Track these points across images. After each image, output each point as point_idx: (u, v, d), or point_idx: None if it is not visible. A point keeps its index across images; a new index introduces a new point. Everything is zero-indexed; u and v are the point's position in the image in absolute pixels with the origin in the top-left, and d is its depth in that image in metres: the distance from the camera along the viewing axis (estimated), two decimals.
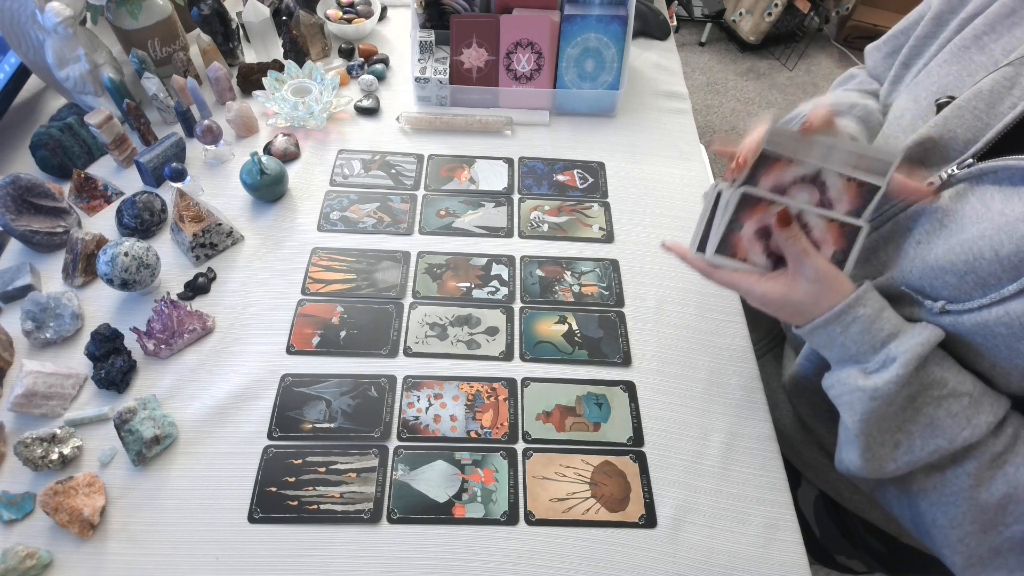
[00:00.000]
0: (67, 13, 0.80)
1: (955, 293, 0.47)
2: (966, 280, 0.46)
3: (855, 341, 0.50)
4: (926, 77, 0.58)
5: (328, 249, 0.81)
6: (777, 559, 0.60)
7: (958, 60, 0.55)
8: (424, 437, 0.66)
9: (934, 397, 0.48)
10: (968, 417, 0.47)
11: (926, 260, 0.49)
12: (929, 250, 0.50)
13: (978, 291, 0.46)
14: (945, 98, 0.54)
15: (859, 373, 0.50)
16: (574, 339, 0.74)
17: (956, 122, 0.51)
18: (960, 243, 0.47)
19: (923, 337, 0.47)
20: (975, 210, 0.48)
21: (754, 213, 0.52)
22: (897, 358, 0.48)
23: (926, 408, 0.48)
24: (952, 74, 0.55)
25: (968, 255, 0.46)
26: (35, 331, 0.69)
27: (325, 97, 0.94)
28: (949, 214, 0.50)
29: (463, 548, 0.59)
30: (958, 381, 0.48)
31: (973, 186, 0.49)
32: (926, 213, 0.52)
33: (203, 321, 0.72)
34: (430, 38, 0.97)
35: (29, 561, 0.55)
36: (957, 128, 0.51)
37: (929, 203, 0.52)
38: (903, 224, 0.54)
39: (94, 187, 0.83)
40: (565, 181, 0.92)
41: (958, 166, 0.50)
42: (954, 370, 0.49)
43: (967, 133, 0.51)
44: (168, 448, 0.64)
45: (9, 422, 0.65)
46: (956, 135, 0.51)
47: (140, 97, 0.94)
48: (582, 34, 0.92)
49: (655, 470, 0.65)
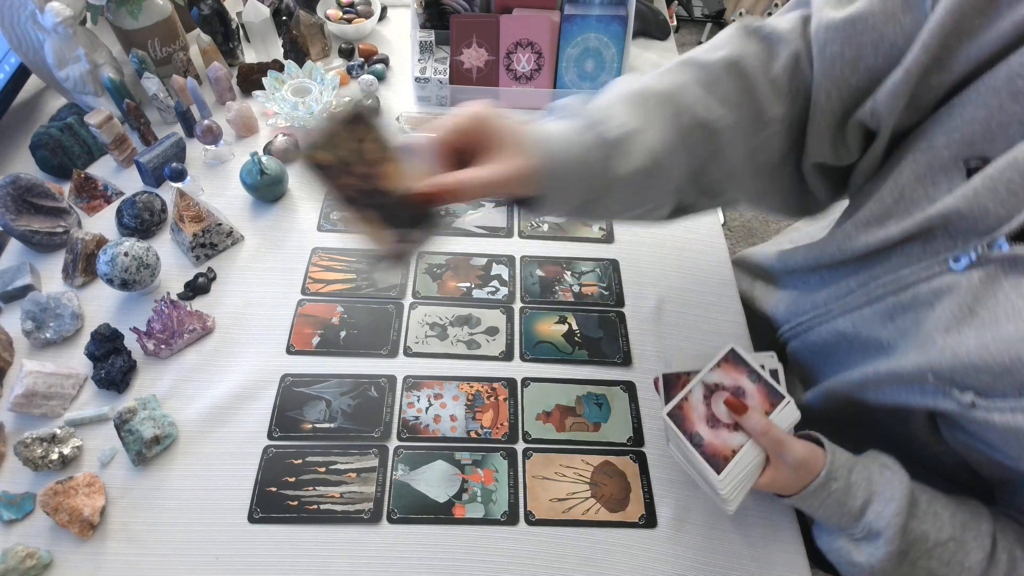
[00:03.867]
0: (67, 13, 0.80)
1: (987, 389, 0.45)
2: (1002, 380, 0.44)
3: (835, 512, 0.53)
4: (947, 116, 0.49)
5: (328, 249, 0.81)
6: (777, 559, 0.60)
7: (986, 105, 0.46)
8: (424, 437, 0.66)
9: (923, 550, 0.51)
10: (960, 561, 0.50)
11: (957, 354, 0.46)
12: (960, 341, 0.46)
13: (1013, 392, 0.44)
14: (976, 160, 0.47)
15: (850, 543, 0.54)
16: (574, 339, 0.74)
17: (988, 196, 0.45)
18: (995, 341, 0.44)
19: (898, 504, 0.50)
20: (1011, 303, 0.44)
21: (688, 420, 0.56)
22: (881, 533, 0.50)
23: (920, 561, 0.51)
24: (979, 121, 0.46)
25: (1006, 357, 0.43)
26: (35, 331, 0.69)
27: (325, 97, 0.94)
28: (979, 300, 0.46)
29: (463, 548, 0.59)
30: (937, 529, 0.50)
31: (1006, 271, 0.45)
32: (951, 293, 0.48)
33: (203, 321, 0.72)
34: (430, 38, 0.97)
35: (29, 561, 0.55)
36: (989, 203, 0.45)
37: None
38: (924, 298, 0.51)
39: (94, 187, 0.83)
40: None
41: (989, 245, 0.46)
42: (931, 518, 0.51)
43: (1000, 209, 0.45)
44: (168, 448, 0.64)
45: (9, 422, 0.65)
46: (988, 210, 0.45)
47: (140, 97, 0.94)
48: (582, 34, 0.92)
49: (655, 470, 0.65)
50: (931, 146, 0.50)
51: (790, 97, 0.54)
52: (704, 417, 0.56)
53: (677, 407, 0.57)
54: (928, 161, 0.50)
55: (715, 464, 0.53)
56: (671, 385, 0.60)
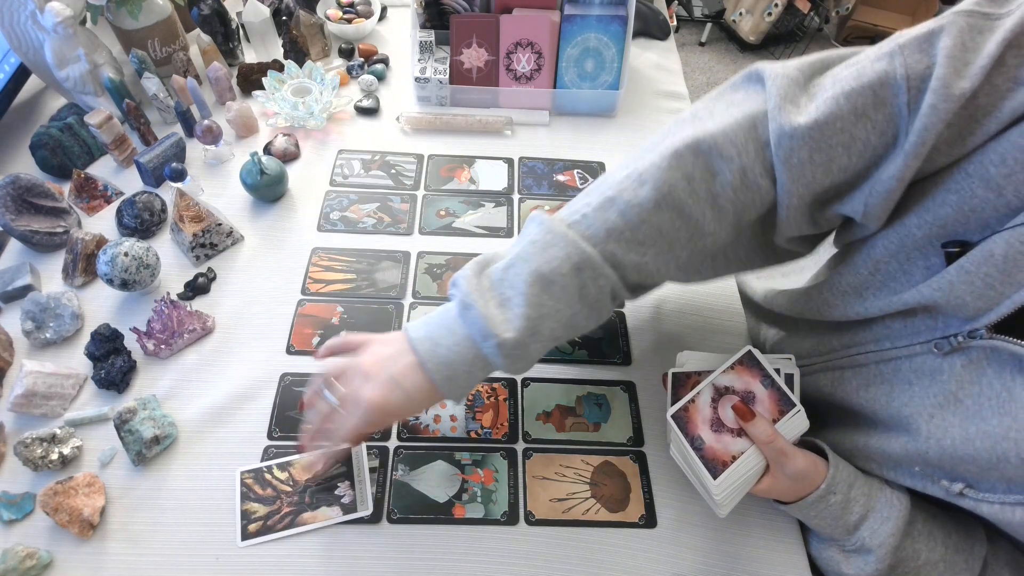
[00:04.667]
0: (67, 13, 0.80)
1: (975, 481, 0.45)
2: (990, 474, 0.44)
3: (830, 525, 0.54)
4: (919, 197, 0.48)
5: (328, 249, 0.81)
6: (777, 559, 0.60)
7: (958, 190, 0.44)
8: (424, 437, 0.66)
9: (912, 568, 0.51)
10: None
11: (942, 444, 0.46)
12: (944, 431, 0.46)
13: (1002, 485, 0.44)
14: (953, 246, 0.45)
15: (840, 554, 0.55)
16: (574, 339, 0.74)
17: (964, 288, 0.44)
18: (980, 434, 0.43)
19: (894, 524, 0.50)
20: (996, 393, 0.43)
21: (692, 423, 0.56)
22: (873, 551, 0.51)
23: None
24: (951, 205, 0.45)
25: (991, 453, 0.43)
26: (35, 331, 0.69)
27: (325, 97, 0.94)
28: (963, 387, 0.45)
29: (463, 548, 0.59)
30: (929, 549, 0.51)
31: (990, 360, 0.44)
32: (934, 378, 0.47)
33: (203, 321, 0.72)
34: (430, 38, 0.97)
35: (29, 561, 0.55)
36: (966, 295, 0.44)
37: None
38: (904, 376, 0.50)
39: (94, 187, 0.83)
40: (565, 181, 0.92)
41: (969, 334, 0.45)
42: (923, 539, 0.51)
43: (978, 302, 0.43)
44: (168, 448, 0.64)
45: (9, 422, 0.65)
46: (965, 302, 0.44)
47: (140, 97, 0.94)
48: (582, 34, 0.92)
49: (655, 470, 0.65)
50: (903, 224, 0.49)
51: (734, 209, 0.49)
52: (709, 421, 0.55)
53: (683, 409, 0.57)
54: (900, 239, 0.49)
55: (713, 469, 0.53)
56: (679, 384, 0.59)
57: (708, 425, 0.55)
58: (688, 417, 0.56)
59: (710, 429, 0.55)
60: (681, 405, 0.57)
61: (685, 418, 0.56)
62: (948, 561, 0.51)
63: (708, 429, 0.55)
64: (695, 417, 0.56)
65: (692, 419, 0.56)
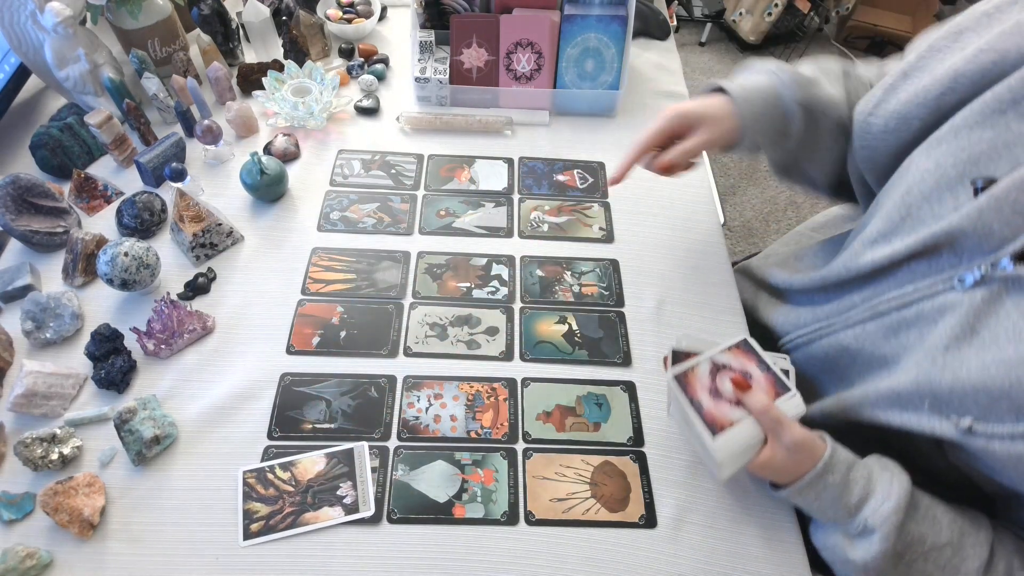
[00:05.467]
0: (67, 13, 0.80)
1: (985, 413, 0.45)
2: (1000, 404, 0.44)
3: (830, 507, 0.53)
4: (953, 138, 0.51)
5: (328, 249, 0.81)
6: (777, 559, 0.60)
7: (992, 124, 0.47)
8: (424, 437, 0.66)
9: (919, 553, 0.50)
10: (956, 567, 0.50)
11: (958, 374, 0.46)
12: (960, 362, 0.47)
13: (1011, 416, 0.44)
14: (982, 179, 0.47)
15: (844, 539, 0.54)
16: (574, 339, 0.74)
17: (993, 216, 0.46)
18: (996, 363, 0.44)
19: (894, 503, 0.50)
20: (1014, 324, 0.44)
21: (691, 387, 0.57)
22: (875, 530, 0.50)
23: (916, 563, 0.51)
24: (986, 142, 0.47)
25: (1005, 380, 0.43)
26: (35, 331, 0.69)
27: (325, 97, 0.94)
28: (981, 319, 0.46)
29: (463, 548, 0.59)
30: (935, 533, 0.50)
31: (1009, 291, 0.45)
32: (954, 311, 0.49)
33: (203, 321, 0.72)
34: (430, 38, 0.97)
35: (29, 561, 0.55)
36: (994, 223, 0.46)
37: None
38: (927, 315, 0.51)
39: (94, 187, 0.83)
40: (565, 181, 0.92)
41: (993, 265, 0.46)
42: (929, 521, 0.51)
43: (1004, 229, 0.45)
44: (168, 448, 0.64)
45: (9, 422, 0.65)
46: (992, 230, 0.46)
47: (140, 97, 0.94)
48: (582, 34, 0.92)
49: (655, 470, 0.65)
50: (939, 165, 0.51)
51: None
52: (708, 389, 0.56)
53: (683, 374, 0.57)
54: (936, 180, 0.51)
55: (712, 429, 0.54)
56: (679, 360, 0.60)
57: (707, 392, 0.56)
58: (688, 382, 0.57)
59: (709, 395, 0.56)
60: (682, 369, 0.57)
61: (685, 382, 0.57)
62: (955, 546, 0.50)
63: (707, 395, 0.56)
64: (695, 383, 0.57)
65: (692, 384, 0.57)
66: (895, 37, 2.47)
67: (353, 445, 0.65)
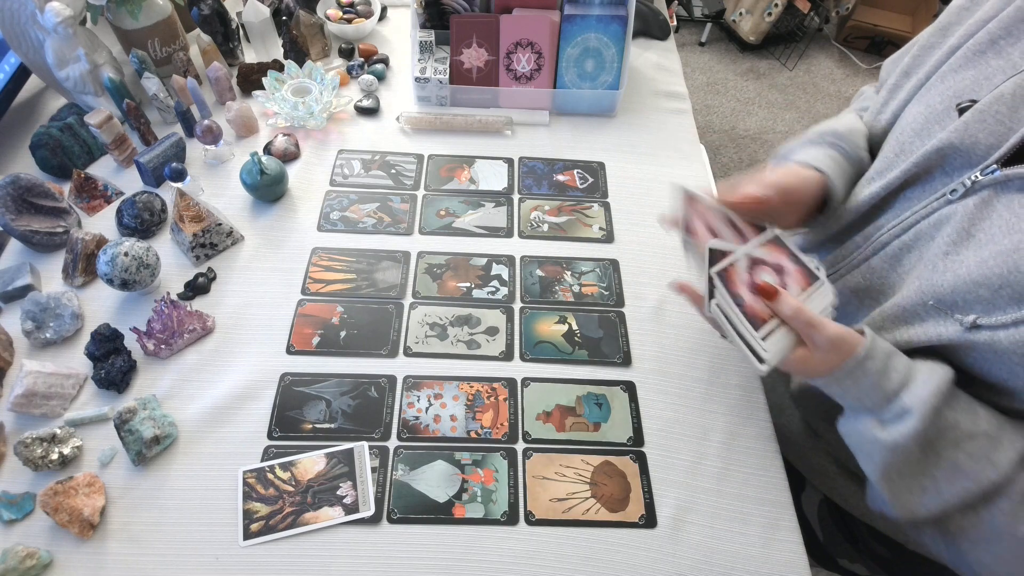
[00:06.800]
0: (67, 13, 0.80)
1: (987, 307, 0.46)
2: (1000, 294, 0.45)
3: (868, 394, 0.51)
4: (939, 83, 0.56)
5: (328, 249, 0.81)
6: (777, 559, 0.60)
7: (973, 64, 0.53)
8: (424, 437, 0.66)
9: (951, 440, 0.49)
10: (988, 457, 0.48)
11: (958, 273, 0.48)
12: (960, 262, 0.49)
13: (1012, 305, 0.45)
14: (967, 102, 0.52)
15: (875, 423, 0.52)
16: (574, 339, 0.74)
17: (977, 127, 0.50)
18: (993, 255, 0.46)
19: (934, 386, 0.48)
20: (1004, 220, 0.47)
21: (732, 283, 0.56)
22: (912, 411, 0.48)
23: (945, 452, 0.49)
24: (968, 79, 0.53)
25: (1003, 268, 0.45)
26: (35, 331, 0.69)
27: (325, 97, 0.94)
28: (976, 222, 0.49)
29: (463, 548, 0.59)
30: (971, 421, 0.49)
31: (998, 193, 0.49)
32: (949, 221, 0.51)
33: (203, 321, 0.72)
34: (430, 38, 0.97)
35: (29, 561, 0.55)
36: (979, 133, 0.50)
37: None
38: (925, 232, 0.54)
39: (94, 187, 0.83)
40: (565, 181, 0.92)
41: (982, 172, 0.50)
42: (967, 410, 0.49)
43: (989, 138, 0.50)
44: (168, 448, 0.64)
45: (9, 422, 0.65)
46: (978, 140, 0.50)
47: (140, 97, 0.94)
48: (582, 34, 0.92)
49: (655, 470, 0.65)
50: (928, 106, 0.56)
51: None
52: (747, 284, 0.56)
53: (723, 270, 0.56)
54: (926, 118, 0.56)
55: (754, 323, 0.54)
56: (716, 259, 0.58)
57: (747, 287, 0.56)
58: (729, 277, 0.56)
59: (748, 291, 0.55)
60: (722, 266, 0.57)
61: (726, 277, 0.56)
62: (992, 436, 0.48)
63: (747, 290, 0.56)
64: (735, 279, 0.56)
65: (732, 279, 0.56)
66: (895, 37, 2.47)
67: (353, 445, 0.65)
